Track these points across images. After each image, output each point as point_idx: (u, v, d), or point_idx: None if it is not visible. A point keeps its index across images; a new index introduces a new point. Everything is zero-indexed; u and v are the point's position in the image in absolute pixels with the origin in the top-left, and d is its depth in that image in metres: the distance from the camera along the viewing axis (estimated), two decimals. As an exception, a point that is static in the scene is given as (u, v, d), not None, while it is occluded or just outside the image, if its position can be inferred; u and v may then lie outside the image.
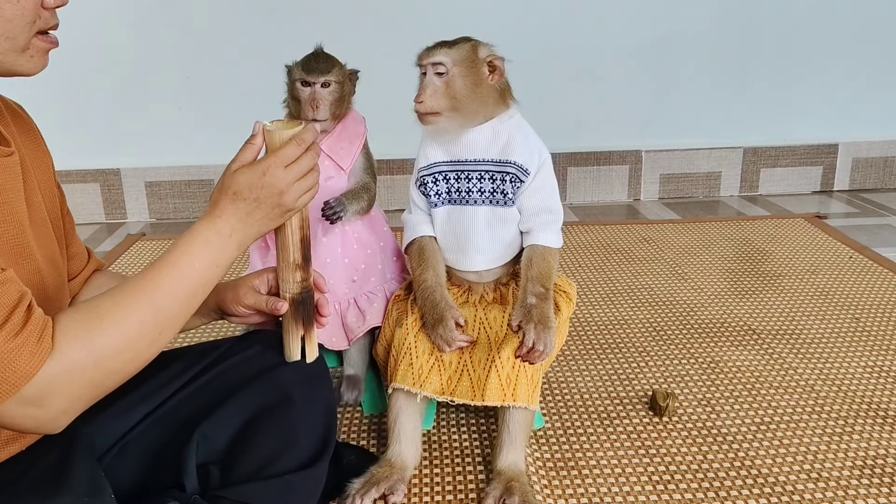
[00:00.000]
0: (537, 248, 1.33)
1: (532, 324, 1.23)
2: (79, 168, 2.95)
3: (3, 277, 0.80)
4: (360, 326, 1.44)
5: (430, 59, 1.27)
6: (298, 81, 1.37)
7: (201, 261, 0.93)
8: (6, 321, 0.78)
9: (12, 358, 0.77)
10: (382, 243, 1.51)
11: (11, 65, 0.89)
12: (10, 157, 0.94)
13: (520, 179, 1.31)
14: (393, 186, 3.08)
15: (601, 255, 2.51)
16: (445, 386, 1.29)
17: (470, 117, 1.29)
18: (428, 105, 1.26)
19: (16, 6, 0.85)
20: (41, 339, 0.79)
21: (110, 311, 0.86)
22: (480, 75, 1.28)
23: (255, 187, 0.95)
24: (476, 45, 1.29)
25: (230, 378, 1.09)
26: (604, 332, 1.94)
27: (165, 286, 0.90)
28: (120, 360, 0.87)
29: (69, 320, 0.84)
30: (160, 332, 0.90)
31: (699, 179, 3.23)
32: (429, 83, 1.27)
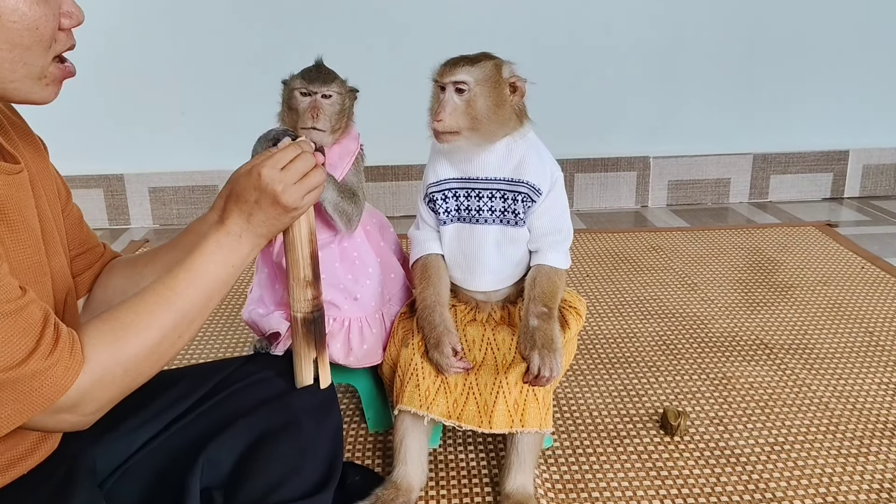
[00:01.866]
0: (543, 268, 1.30)
1: (536, 350, 1.21)
2: (82, 173, 2.93)
3: (27, 299, 0.82)
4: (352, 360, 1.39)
5: (451, 76, 1.22)
6: (297, 91, 1.33)
7: (215, 262, 0.97)
8: (39, 342, 0.80)
9: (48, 374, 0.80)
10: (380, 259, 1.44)
11: (27, 93, 0.87)
12: (20, 174, 0.93)
13: (531, 199, 1.28)
14: (398, 193, 3.05)
15: (609, 265, 2.48)
16: (452, 409, 1.26)
17: (488, 137, 1.26)
18: (447, 124, 1.22)
19: (34, 33, 0.83)
20: (73, 354, 0.83)
21: (133, 320, 0.89)
22: (503, 96, 1.24)
23: (253, 189, 0.99)
24: (499, 64, 1.25)
25: (237, 402, 1.08)
26: (612, 346, 1.91)
27: (182, 291, 0.93)
28: (146, 364, 0.90)
29: (96, 332, 0.87)
30: (180, 335, 0.94)
31: (708, 186, 3.19)
32: (448, 101, 1.23)
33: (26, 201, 0.93)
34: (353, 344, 1.36)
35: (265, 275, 1.42)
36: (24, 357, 0.79)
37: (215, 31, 2.85)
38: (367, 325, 1.38)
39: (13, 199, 0.90)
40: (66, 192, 1.12)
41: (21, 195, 0.92)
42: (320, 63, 1.37)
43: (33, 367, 0.79)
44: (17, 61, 0.83)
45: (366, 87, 1.44)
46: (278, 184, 0.99)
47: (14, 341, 0.79)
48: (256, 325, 1.38)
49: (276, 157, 1.01)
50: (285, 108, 1.36)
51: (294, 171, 1.01)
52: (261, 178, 0.99)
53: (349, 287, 1.37)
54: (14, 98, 0.87)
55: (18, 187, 0.92)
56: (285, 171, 1.00)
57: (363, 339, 1.37)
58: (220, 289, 0.98)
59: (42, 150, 1.07)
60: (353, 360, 1.37)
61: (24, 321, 0.80)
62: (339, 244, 1.38)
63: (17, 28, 0.81)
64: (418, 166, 3.03)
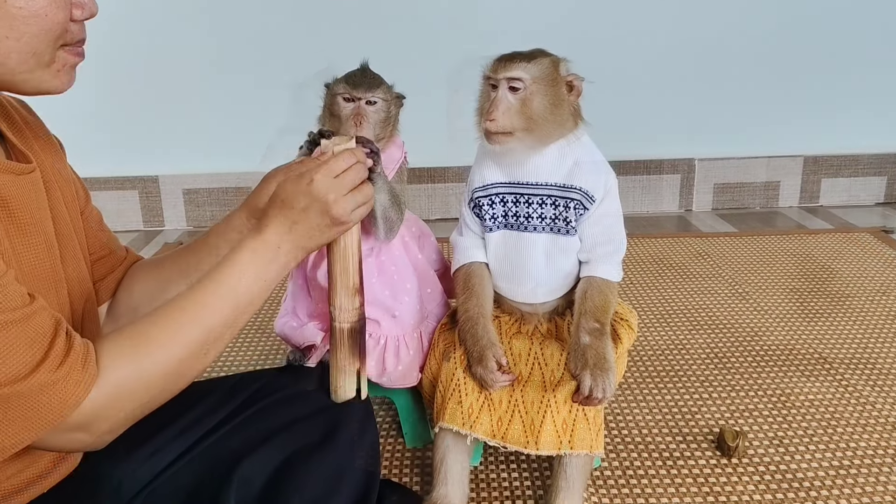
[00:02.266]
0: (594, 281, 1.22)
1: (588, 369, 1.13)
2: (118, 175, 2.91)
3: (35, 307, 0.76)
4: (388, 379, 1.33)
5: (506, 73, 1.14)
6: (340, 97, 1.25)
7: (246, 275, 0.90)
8: (47, 353, 0.75)
9: (57, 388, 0.74)
10: (418, 273, 1.36)
11: (38, 82, 0.82)
12: (32, 174, 0.88)
13: (584, 206, 1.20)
14: (433, 195, 2.98)
15: (653, 271, 2.38)
16: (496, 428, 1.19)
17: (542, 139, 1.18)
18: (500, 124, 1.14)
19: (44, 21, 0.78)
20: (86, 367, 0.77)
21: (156, 334, 0.83)
22: (560, 95, 1.16)
23: (302, 196, 0.92)
24: (557, 60, 1.17)
25: (271, 417, 1.03)
26: (661, 359, 1.81)
27: (210, 304, 0.87)
28: (167, 382, 0.84)
29: (114, 344, 0.81)
30: (206, 352, 0.87)
31: (756, 190, 3.07)
32: (502, 99, 1.14)
33: (38, 203, 0.89)
34: (387, 364, 1.30)
35: (299, 286, 1.36)
36: (30, 369, 0.73)
37: (252, 32, 2.81)
38: (405, 345, 1.31)
39: (23, 200, 0.85)
40: (84, 194, 1.07)
41: (33, 196, 0.87)
42: (366, 67, 1.30)
43: (40, 380, 0.73)
44: (25, 51, 0.78)
45: (402, 88, 1.37)
46: (331, 192, 0.93)
47: (19, 352, 0.73)
48: (290, 338, 1.32)
49: (330, 164, 0.95)
50: (327, 113, 1.29)
51: (347, 181, 0.95)
52: (313, 184, 0.92)
53: (387, 304, 1.30)
54: (26, 90, 0.83)
55: (30, 188, 0.87)
56: (339, 179, 0.94)
57: (398, 360, 1.31)
58: (251, 303, 0.91)
59: (59, 151, 1.02)
60: (387, 381, 1.31)
61: (32, 330, 0.74)
62: (376, 257, 1.31)
63: (24, 15, 0.77)
64: (454, 168, 2.95)
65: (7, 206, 0.82)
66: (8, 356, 0.72)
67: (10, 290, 0.74)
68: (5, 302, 0.73)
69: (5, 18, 0.76)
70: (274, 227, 0.93)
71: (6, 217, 0.82)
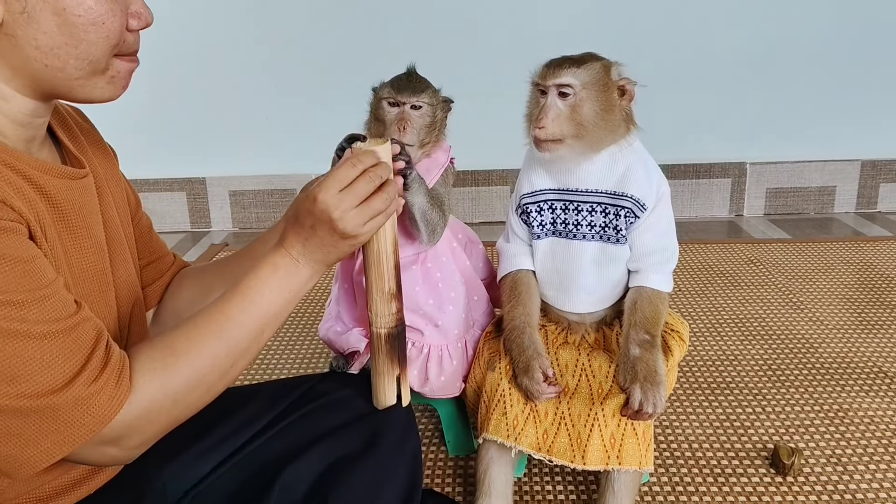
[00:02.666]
0: (644, 291, 1.18)
1: (638, 383, 1.10)
2: (166, 176, 2.96)
3: (80, 317, 0.76)
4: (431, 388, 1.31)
5: (555, 79, 1.11)
6: (385, 101, 1.23)
7: (270, 287, 0.89)
8: (85, 365, 0.74)
9: (91, 403, 0.74)
10: (465, 281, 1.34)
11: (92, 88, 0.83)
12: (85, 179, 0.89)
13: (635, 214, 1.16)
14: (477, 198, 2.96)
15: (703, 279, 2.31)
16: (542, 440, 1.16)
17: (594, 146, 1.15)
18: (550, 131, 1.11)
19: (101, 29, 0.79)
20: (119, 382, 0.76)
21: (185, 347, 0.83)
22: (611, 100, 1.13)
23: (308, 214, 0.90)
24: (608, 65, 1.14)
25: (314, 424, 1.02)
26: (712, 370, 1.76)
27: (235, 317, 0.86)
28: (194, 395, 0.83)
29: (146, 358, 0.80)
30: (232, 365, 0.86)
31: (811, 195, 2.97)
32: (551, 106, 1.11)
33: (91, 207, 0.90)
34: (430, 374, 1.28)
35: (344, 290, 1.35)
36: (66, 381, 0.72)
37: (298, 34, 2.82)
38: (448, 355, 1.29)
39: (76, 205, 0.86)
40: (135, 201, 1.08)
41: (85, 200, 0.88)
42: (412, 71, 1.28)
43: (75, 394, 0.73)
44: (82, 58, 0.79)
45: (444, 90, 1.35)
46: (334, 210, 0.88)
47: (58, 363, 0.73)
48: (333, 344, 1.31)
49: (334, 176, 0.90)
50: (372, 117, 1.28)
51: (353, 195, 0.90)
52: (315, 203, 0.89)
53: (431, 313, 1.28)
54: (79, 97, 0.83)
55: (83, 192, 0.88)
56: (344, 193, 0.89)
57: (441, 370, 1.28)
58: (275, 316, 0.90)
59: (112, 158, 1.03)
60: (428, 391, 1.29)
61: (73, 342, 0.74)
62: (421, 264, 1.29)
63: (83, 23, 0.77)
64: (498, 171, 2.93)
65: (60, 210, 0.83)
66: (47, 367, 0.72)
67: (57, 299, 0.74)
68: (52, 312, 0.73)
69: (65, 26, 0.76)
70: (290, 243, 0.92)
71: (59, 220, 0.83)
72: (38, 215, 0.78)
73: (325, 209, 0.88)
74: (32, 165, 0.80)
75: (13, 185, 0.76)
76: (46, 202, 0.81)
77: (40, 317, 0.71)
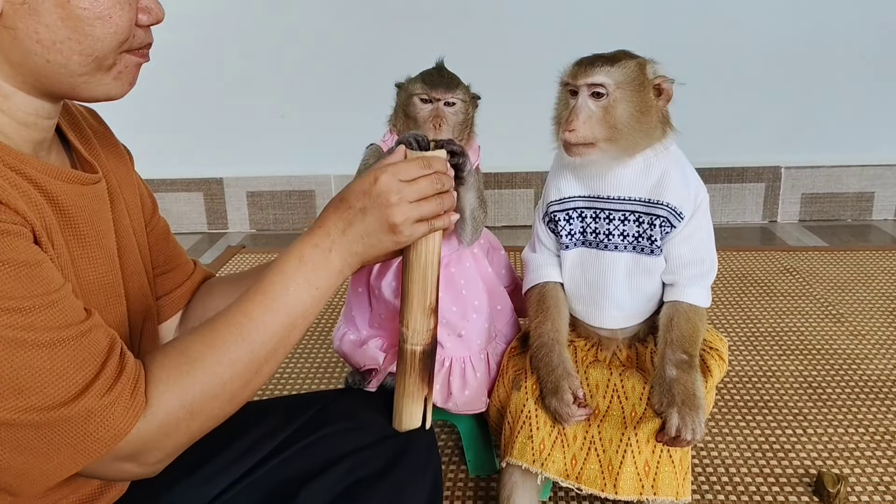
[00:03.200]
0: (681, 307, 1.10)
1: (675, 407, 1.01)
2: (183, 177, 2.91)
3: (91, 323, 0.71)
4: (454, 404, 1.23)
5: (587, 78, 1.03)
6: (417, 97, 1.17)
7: (296, 282, 0.82)
8: (98, 374, 0.70)
9: (105, 416, 0.69)
10: (488, 288, 1.26)
11: (97, 85, 0.77)
12: (97, 185, 0.84)
13: (671, 224, 1.08)
14: (500, 201, 2.88)
15: (737, 288, 2.21)
16: (570, 467, 1.08)
17: (628, 150, 1.06)
18: (581, 134, 1.03)
19: (107, 23, 0.73)
20: (135, 394, 0.72)
21: (202, 353, 0.77)
22: (647, 100, 1.04)
23: (362, 194, 0.85)
24: (643, 63, 1.05)
25: (331, 445, 0.96)
26: (748, 388, 1.66)
27: (258, 318, 0.80)
28: (216, 406, 0.78)
29: (160, 368, 0.76)
30: (257, 371, 0.80)
31: (848, 200, 2.86)
32: (582, 107, 1.03)
33: (102, 214, 0.85)
34: (453, 388, 1.20)
35: (358, 294, 1.27)
36: (78, 392, 0.68)
37: (316, 33, 2.76)
38: (471, 368, 1.21)
39: (86, 212, 0.81)
40: (151, 205, 1.02)
41: (96, 207, 0.83)
42: (442, 66, 1.21)
43: (87, 406, 0.68)
44: (87, 54, 0.74)
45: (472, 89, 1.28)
46: (394, 194, 0.84)
47: (69, 373, 0.68)
48: (349, 357, 1.24)
49: (400, 166, 0.86)
50: (401, 114, 1.20)
51: (416, 189, 0.86)
52: (377, 183, 0.84)
53: (454, 322, 1.20)
54: (85, 94, 0.78)
55: (94, 198, 0.83)
56: (407, 184, 0.86)
57: (465, 384, 1.21)
58: (303, 314, 0.83)
59: (126, 161, 0.98)
60: (452, 406, 1.21)
61: (85, 349, 0.69)
62: (445, 269, 1.21)
63: (88, 16, 0.72)
64: (522, 174, 2.84)
65: (69, 217, 0.78)
66: (57, 377, 0.67)
67: (65, 304, 0.69)
68: (60, 318, 0.68)
69: (69, 19, 0.72)
70: (326, 229, 0.85)
71: (68, 228, 0.78)
72: (45, 221, 0.74)
73: (386, 191, 0.84)
74: (39, 169, 0.75)
75: (17, 187, 0.71)
76: (54, 208, 0.76)
77: (48, 323, 0.67)
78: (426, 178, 0.87)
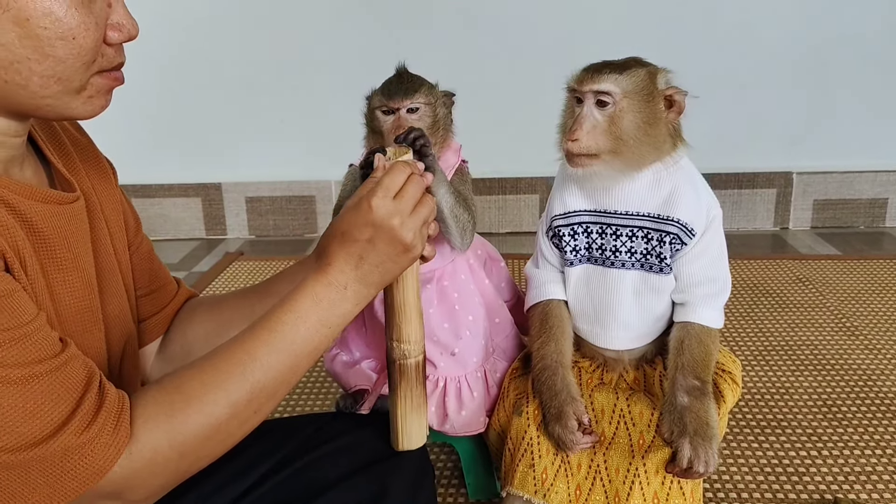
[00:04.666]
0: (692, 328, 1.04)
1: (687, 437, 0.95)
2: (181, 182, 2.86)
3: (66, 356, 0.67)
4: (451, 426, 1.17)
5: (593, 85, 0.97)
6: (378, 110, 1.11)
7: (307, 322, 0.79)
8: (75, 410, 0.66)
9: (84, 453, 0.65)
10: (484, 302, 1.20)
11: (64, 108, 0.72)
12: (74, 204, 0.79)
13: (681, 241, 1.02)
14: (504, 207, 2.82)
15: (747, 298, 2.15)
16: (574, 497, 1.02)
17: (634, 164, 1.00)
18: (584, 145, 0.97)
19: (70, 44, 0.68)
20: (117, 428, 0.68)
21: (199, 392, 0.73)
22: (656, 112, 0.98)
23: (365, 225, 0.82)
24: (654, 71, 0.99)
25: (324, 469, 0.92)
26: (760, 405, 1.60)
27: (262, 357, 0.76)
28: (208, 446, 0.74)
29: (154, 403, 0.72)
30: (255, 411, 0.76)
31: (861, 207, 2.79)
32: (587, 116, 0.98)
33: (80, 235, 0.80)
34: (449, 409, 1.14)
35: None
36: (54, 429, 0.64)
37: (316, 37, 2.71)
38: (467, 387, 1.15)
39: (63, 233, 0.76)
40: (134, 223, 0.97)
41: (73, 228, 0.78)
42: (402, 71, 1.15)
43: (65, 444, 0.64)
44: (48, 76, 0.68)
45: (470, 91, 1.21)
46: (395, 216, 0.81)
47: (44, 410, 0.64)
48: (339, 378, 1.18)
49: (384, 183, 0.83)
50: (368, 130, 1.15)
51: (408, 199, 0.83)
52: (372, 210, 0.81)
53: (445, 340, 1.14)
54: (49, 115, 0.73)
55: (71, 219, 0.78)
56: (398, 199, 0.82)
57: (461, 405, 1.15)
58: (310, 355, 0.79)
59: (109, 174, 0.92)
60: (449, 429, 1.15)
61: (61, 384, 0.65)
62: (437, 283, 1.16)
63: (48, 36, 0.66)
64: (527, 179, 2.78)
65: (44, 239, 0.74)
66: (30, 416, 0.63)
67: (38, 337, 0.66)
68: (32, 352, 0.64)
69: (28, 38, 0.66)
70: (338, 266, 0.81)
71: (43, 251, 0.74)
72: (17, 245, 0.69)
73: (386, 215, 0.81)
74: (10, 188, 0.70)
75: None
76: (28, 230, 0.71)
77: (20, 359, 0.63)
78: (410, 181, 0.84)
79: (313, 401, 1.67)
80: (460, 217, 1.11)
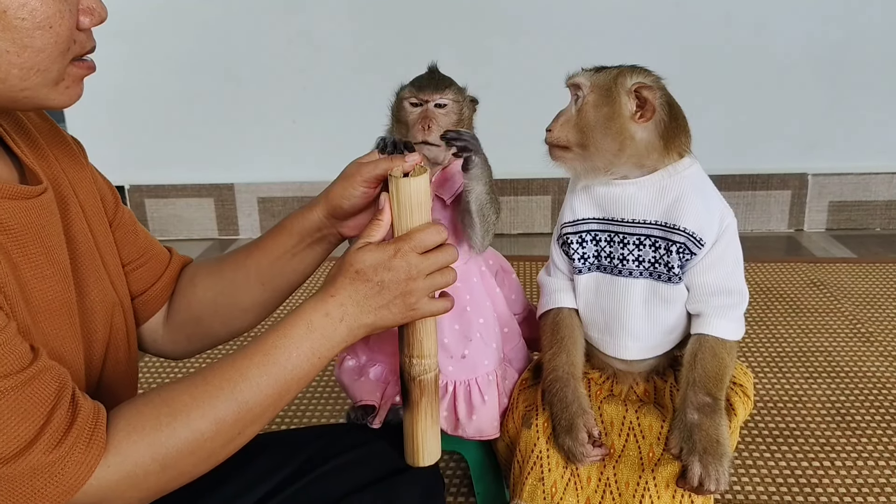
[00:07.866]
0: (706, 341, 1.02)
1: (696, 454, 0.94)
2: (194, 182, 2.87)
3: (36, 368, 0.66)
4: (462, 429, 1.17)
5: (570, 79, 1.03)
6: (407, 101, 1.13)
7: (300, 349, 0.80)
8: (44, 427, 0.65)
9: (54, 472, 0.65)
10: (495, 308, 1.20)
11: (43, 99, 0.72)
12: (42, 196, 0.77)
13: (690, 251, 1.01)
14: (516, 208, 2.81)
15: (760, 303, 2.13)
16: (583, 509, 1.01)
17: (603, 161, 1.00)
18: (556, 136, 1.02)
19: (48, 33, 0.68)
20: (91, 444, 0.67)
21: (187, 406, 0.73)
22: (616, 108, 0.99)
23: (381, 269, 0.83)
24: (622, 71, 1.01)
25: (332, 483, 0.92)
26: (773, 413, 1.58)
27: (253, 379, 0.77)
28: (191, 462, 0.74)
29: (138, 416, 0.72)
30: (240, 432, 0.77)
31: (877, 209, 2.76)
32: (566, 110, 1.03)
33: (51, 228, 0.78)
34: (459, 414, 1.13)
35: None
36: (20, 448, 0.63)
37: (328, 38, 2.71)
38: (478, 391, 1.15)
39: (33, 228, 0.75)
40: (112, 199, 0.95)
41: (43, 220, 0.77)
42: (434, 68, 1.17)
43: (32, 463, 0.63)
44: (28, 67, 0.68)
45: (482, 92, 1.22)
46: (414, 269, 0.83)
47: (11, 427, 0.63)
48: (347, 389, 1.18)
49: (419, 237, 0.85)
50: (394, 121, 1.16)
51: (433, 263, 0.85)
52: (396, 257, 0.83)
53: (455, 342, 1.13)
54: (26, 106, 0.73)
55: (40, 212, 0.77)
56: (425, 257, 0.84)
57: (472, 409, 1.14)
58: (299, 381, 0.80)
59: (76, 154, 0.90)
60: (461, 433, 1.15)
61: (29, 399, 0.65)
62: None
63: (27, 27, 0.66)
64: (539, 180, 2.77)
65: (13, 236, 0.73)
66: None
67: (6, 350, 0.65)
68: (1, 366, 0.64)
69: (6, 31, 0.66)
70: (340, 299, 0.82)
71: (14, 247, 0.72)
72: None
73: (406, 267, 0.83)
74: None
75: None
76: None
77: None
78: (443, 248, 0.86)
79: (322, 408, 1.67)
80: (488, 217, 1.12)
